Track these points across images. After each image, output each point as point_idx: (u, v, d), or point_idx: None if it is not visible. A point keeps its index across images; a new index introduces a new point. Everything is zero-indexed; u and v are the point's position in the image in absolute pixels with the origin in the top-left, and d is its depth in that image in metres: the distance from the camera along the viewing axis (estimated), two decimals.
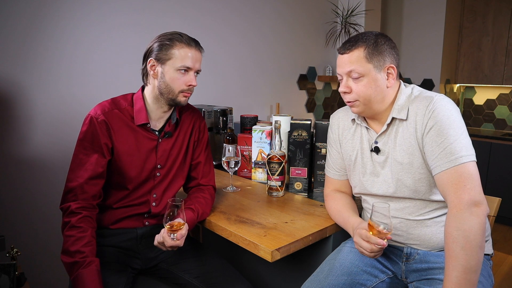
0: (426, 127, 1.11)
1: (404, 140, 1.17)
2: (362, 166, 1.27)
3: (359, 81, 1.16)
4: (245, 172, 1.90)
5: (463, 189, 1.03)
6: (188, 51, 1.27)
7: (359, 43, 1.16)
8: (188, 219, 1.27)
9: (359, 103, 1.19)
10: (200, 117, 1.49)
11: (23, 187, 1.78)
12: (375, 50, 1.15)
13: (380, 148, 1.22)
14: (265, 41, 2.83)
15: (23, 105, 1.75)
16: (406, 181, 1.17)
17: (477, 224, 0.99)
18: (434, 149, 1.09)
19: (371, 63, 1.15)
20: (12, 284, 1.17)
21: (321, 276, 1.19)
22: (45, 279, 1.88)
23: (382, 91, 1.17)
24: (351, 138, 1.32)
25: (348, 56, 1.17)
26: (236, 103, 2.66)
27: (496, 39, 3.71)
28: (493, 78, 3.76)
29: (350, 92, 1.19)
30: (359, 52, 1.15)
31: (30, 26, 1.73)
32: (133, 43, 2.05)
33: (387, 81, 1.17)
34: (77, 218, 1.19)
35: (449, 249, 1.01)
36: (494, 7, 3.68)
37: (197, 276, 1.32)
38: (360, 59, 1.15)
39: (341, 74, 1.20)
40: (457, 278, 0.98)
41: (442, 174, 1.07)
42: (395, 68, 1.18)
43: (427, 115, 1.11)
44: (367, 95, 1.17)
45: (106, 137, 1.26)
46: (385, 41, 1.17)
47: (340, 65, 1.20)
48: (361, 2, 3.22)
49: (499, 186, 3.45)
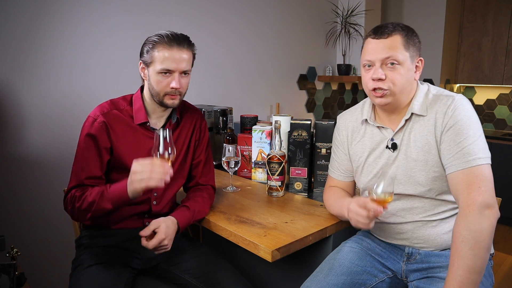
0: (446, 125, 1.10)
1: (420, 136, 1.15)
2: (374, 165, 1.25)
3: (394, 69, 1.11)
4: (245, 172, 1.89)
5: (477, 191, 1.03)
6: (168, 52, 1.22)
7: (397, 30, 1.12)
8: (183, 217, 1.29)
9: (390, 93, 1.13)
10: (201, 116, 1.49)
11: (23, 187, 1.78)
12: (410, 40, 1.13)
13: (397, 144, 1.20)
14: (265, 41, 2.82)
15: (23, 105, 1.75)
16: (419, 178, 1.15)
17: (488, 227, 1.00)
18: (452, 148, 1.08)
19: (408, 52, 1.12)
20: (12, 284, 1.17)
21: (321, 276, 1.19)
22: (45, 279, 1.88)
23: (410, 83, 1.15)
24: (360, 139, 1.30)
25: (387, 41, 1.11)
26: (236, 103, 2.65)
27: (496, 39, 3.70)
28: (493, 78, 3.76)
29: (385, 79, 1.12)
30: (397, 38, 1.11)
31: (30, 26, 1.73)
32: (133, 43, 2.04)
33: (415, 74, 1.16)
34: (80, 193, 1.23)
35: (456, 248, 1.01)
36: (494, 7, 3.68)
37: (197, 276, 1.31)
38: (399, 46, 1.11)
39: (374, 60, 1.13)
40: (461, 277, 0.98)
41: (458, 173, 1.07)
42: (423, 60, 1.17)
43: (448, 114, 1.10)
44: (401, 85, 1.12)
45: (105, 138, 1.27)
46: (415, 33, 1.16)
47: (374, 50, 1.13)
48: (361, 2, 3.22)
49: (499, 186, 3.41)
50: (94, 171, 1.26)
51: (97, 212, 1.20)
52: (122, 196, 1.18)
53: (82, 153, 1.26)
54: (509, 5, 3.59)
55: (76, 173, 1.27)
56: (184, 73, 1.27)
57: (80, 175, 1.26)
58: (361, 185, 1.32)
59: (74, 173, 1.27)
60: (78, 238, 1.38)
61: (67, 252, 1.85)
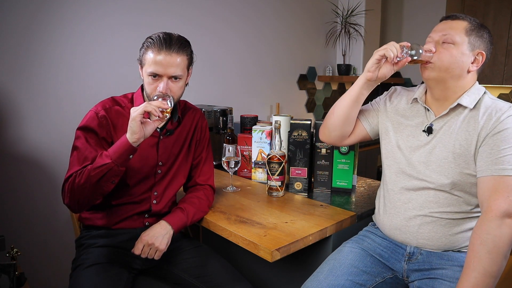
0: (495, 129, 1.09)
1: (463, 130, 1.15)
2: (406, 140, 1.25)
3: (448, 46, 1.15)
4: (245, 172, 1.89)
5: (504, 199, 1.03)
6: (157, 56, 1.20)
7: (466, 19, 1.17)
8: (176, 219, 1.30)
9: (434, 67, 1.16)
10: (202, 116, 1.50)
11: (24, 187, 1.78)
12: (477, 31, 1.15)
13: (434, 130, 1.20)
14: (265, 41, 2.82)
15: (23, 104, 1.75)
16: (447, 169, 1.15)
17: (508, 235, 1.01)
18: (493, 152, 1.08)
19: (468, 37, 1.14)
20: (12, 284, 1.17)
21: (321, 276, 1.19)
22: (45, 279, 1.88)
23: (462, 69, 1.16)
24: (403, 112, 1.29)
25: (452, 22, 1.17)
26: (236, 103, 2.66)
27: (496, 39, 3.70)
28: (493, 78, 3.76)
29: (434, 52, 1.16)
30: (464, 23, 1.16)
31: (29, 25, 1.73)
32: (132, 43, 2.04)
33: (471, 65, 1.16)
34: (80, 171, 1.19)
35: (474, 250, 1.02)
36: (494, 7, 3.68)
37: (197, 276, 1.32)
38: (460, 29, 1.15)
39: (434, 37, 1.19)
40: (475, 278, 0.99)
41: (489, 178, 1.07)
42: (484, 56, 1.17)
43: (500, 118, 1.10)
44: (448, 62, 1.15)
45: (105, 132, 1.27)
46: (488, 31, 1.19)
47: (438, 29, 1.19)
48: (361, 2, 3.22)
49: None
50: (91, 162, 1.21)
51: (96, 174, 1.14)
52: (121, 144, 1.14)
53: (83, 143, 1.23)
54: (509, 5, 3.59)
55: (78, 161, 1.22)
56: (174, 78, 1.24)
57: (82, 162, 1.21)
58: (386, 153, 1.30)
59: (75, 162, 1.22)
60: (78, 238, 1.38)
61: (67, 252, 1.86)
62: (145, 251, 1.24)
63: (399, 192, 1.25)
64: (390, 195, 1.28)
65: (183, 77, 1.28)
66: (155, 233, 1.26)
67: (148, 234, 1.25)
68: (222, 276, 1.30)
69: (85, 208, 1.27)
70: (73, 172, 1.20)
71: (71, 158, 1.24)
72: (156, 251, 1.25)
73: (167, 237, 1.27)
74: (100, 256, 1.26)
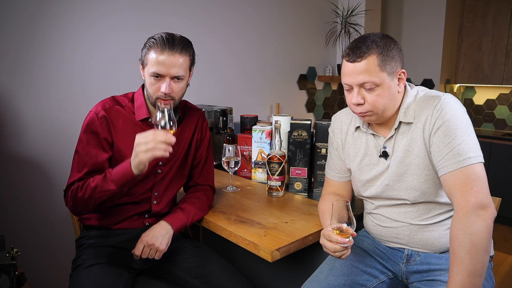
0: (434, 127, 1.08)
1: (411, 141, 1.14)
2: (367, 171, 1.24)
3: (373, 91, 1.10)
4: (245, 172, 1.89)
5: (470, 192, 1.00)
6: (160, 56, 1.20)
7: (371, 50, 1.08)
8: (176, 220, 1.31)
9: (372, 113, 1.13)
10: (203, 116, 1.50)
11: (23, 187, 1.78)
12: (387, 56, 1.08)
13: (388, 152, 1.19)
14: (265, 41, 2.82)
15: (23, 105, 1.75)
16: (411, 182, 1.15)
17: (484, 228, 0.97)
18: (441, 150, 1.07)
19: (384, 71, 1.08)
20: (12, 284, 1.17)
21: (321, 276, 1.19)
22: (45, 279, 1.88)
23: (394, 97, 1.13)
24: (353, 143, 1.29)
25: (361, 65, 1.08)
26: (236, 103, 2.65)
27: (496, 39, 3.70)
28: (493, 78, 3.76)
29: (363, 103, 1.12)
30: (372, 60, 1.08)
31: (29, 26, 1.73)
32: (133, 43, 2.04)
33: (398, 87, 1.13)
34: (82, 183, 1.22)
35: (454, 252, 0.99)
36: (494, 7, 3.68)
37: (197, 276, 1.32)
38: (374, 69, 1.08)
39: (351, 84, 1.12)
40: (461, 281, 0.96)
41: (449, 175, 1.05)
42: (405, 72, 1.14)
43: (435, 115, 1.08)
44: (382, 105, 1.11)
45: (106, 132, 1.27)
46: (394, 44, 1.11)
47: (350, 74, 1.11)
48: (361, 2, 3.22)
49: (499, 186, 3.45)
50: (97, 165, 1.25)
51: (100, 197, 1.17)
52: (126, 173, 1.15)
53: (84, 147, 1.26)
54: (509, 5, 3.59)
55: (78, 167, 1.25)
56: (177, 78, 1.25)
57: (82, 169, 1.24)
58: (356, 187, 1.31)
59: (75, 168, 1.26)
60: (78, 238, 1.38)
61: (67, 252, 1.86)
62: (145, 251, 1.24)
63: (381, 210, 1.25)
64: (373, 212, 1.28)
65: (185, 77, 1.28)
66: (155, 233, 1.26)
67: (148, 235, 1.25)
68: (222, 276, 1.30)
69: (86, 214, 1.32)
70: (74, 180, 1.24)
71: (73, 162, 1.28)
72: (156, 252, 1.25)
73: (167, 237, 1.27)
74: (100, 256, 1.26)
